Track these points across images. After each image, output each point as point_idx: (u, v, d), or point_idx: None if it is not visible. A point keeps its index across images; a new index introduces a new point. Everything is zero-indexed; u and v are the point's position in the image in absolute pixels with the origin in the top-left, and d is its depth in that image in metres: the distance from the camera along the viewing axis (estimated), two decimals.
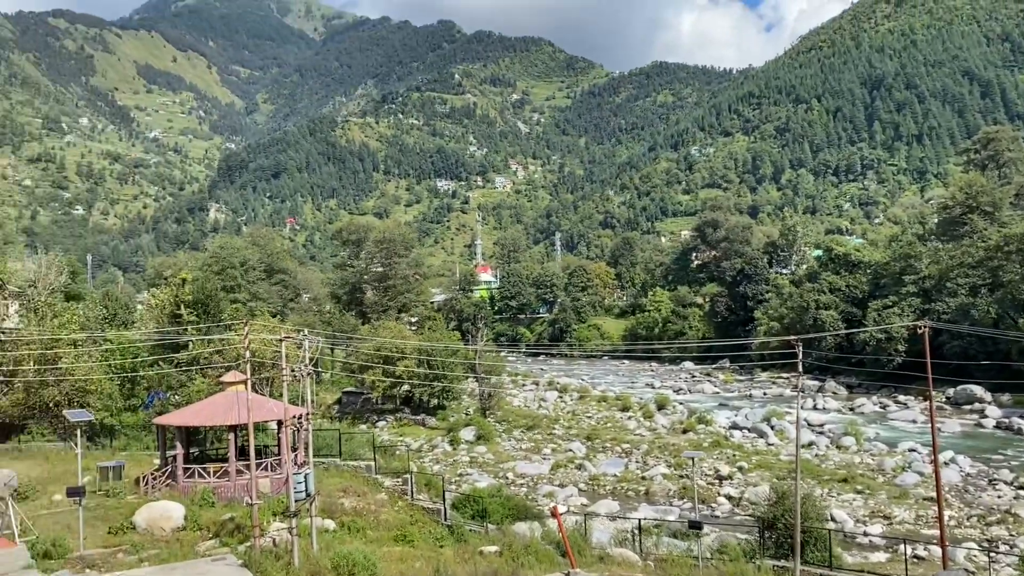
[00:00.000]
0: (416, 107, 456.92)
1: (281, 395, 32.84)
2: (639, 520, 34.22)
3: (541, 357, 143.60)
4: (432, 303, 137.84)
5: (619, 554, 30.24)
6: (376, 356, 69.90)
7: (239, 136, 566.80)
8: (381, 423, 70.29)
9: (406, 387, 71.89)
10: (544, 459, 56.72)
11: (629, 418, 71.14)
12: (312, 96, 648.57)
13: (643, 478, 50.40)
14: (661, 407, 74.61)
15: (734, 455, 54.27)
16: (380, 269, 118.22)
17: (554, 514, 30.84)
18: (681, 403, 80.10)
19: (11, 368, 49.82)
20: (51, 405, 48.88)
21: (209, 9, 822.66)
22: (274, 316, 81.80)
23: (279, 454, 39.24)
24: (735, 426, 65.96)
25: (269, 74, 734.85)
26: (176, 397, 51.48)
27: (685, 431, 63.81)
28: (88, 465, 36.74)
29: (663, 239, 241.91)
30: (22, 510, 29.92)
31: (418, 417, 70.66)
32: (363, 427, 66.78)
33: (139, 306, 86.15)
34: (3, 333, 52.76)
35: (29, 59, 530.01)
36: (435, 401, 72.26)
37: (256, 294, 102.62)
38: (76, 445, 30.21)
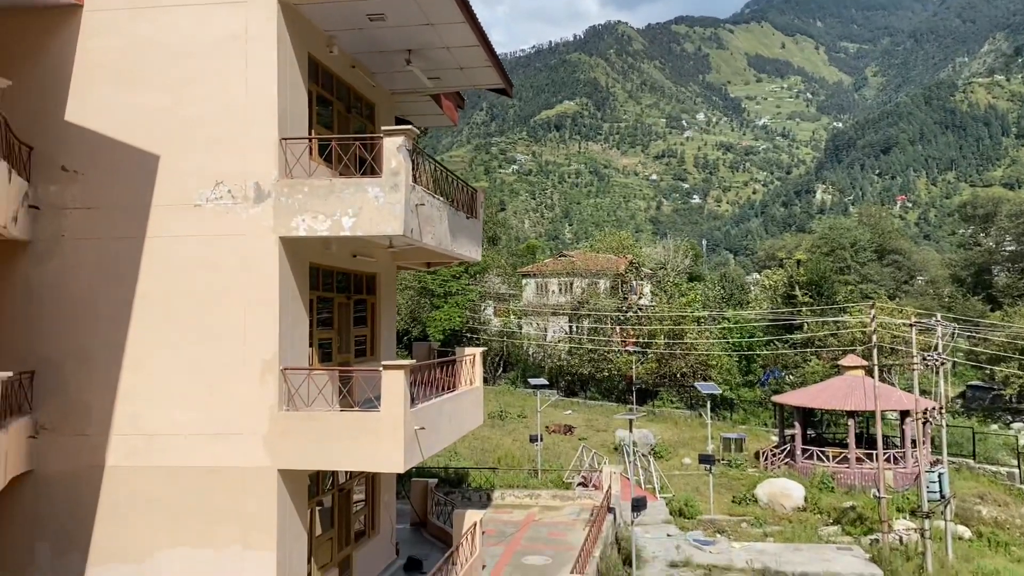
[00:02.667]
0: None
1: (899, 384, 30.51)
2: None
3: None
4: None
5: None
6: (1010, 347, 60.59)
7: (846, 114, 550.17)
8: (1017, 424, 60.69)
9: None
10: None
11: None
12: (927, 62, 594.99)
13: None
14: None
15: None
16: (1014, 248, 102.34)
17: None
18: None
19: (646, 340, 56.38)
20: (678, 375, 53.91)
21: None
22: (891, 299, 77.09)
23: (900, 447, 36.65)
24: None
25: (879, 46, 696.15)
26: (791, 377, 52.04)
27: None
28: (711, 434, 39.38)
29: None
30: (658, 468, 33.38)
31: None
32: (994, 427, 58.64)
33: (751, 288, 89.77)
34: (640, 310, 60.02)
35: (655, 65, 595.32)
36: None
37: (867, 276, 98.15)
38: (706, 415, 32.41)
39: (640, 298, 64.72)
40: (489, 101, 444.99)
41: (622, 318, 59.99)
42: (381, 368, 12.28)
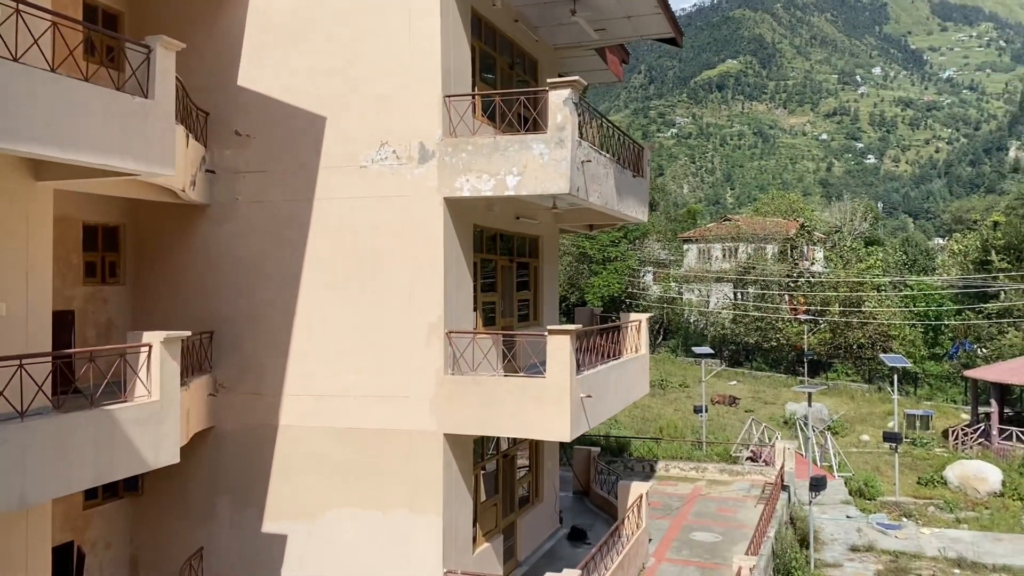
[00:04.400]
0: None
1: None
2: None
3: None
4: None
5: None
6: None
7: None
8: None
9: None
10: None
11: None
12: None
13: None
14: None
15: None
16: None
17: None
18: None
19: (818, 308, 53.23)
20: (854, 346, 50.56)
21: None
22: None
23: None
24: None
25: None
26: (983, 350, 47.59)
27: None
28: (896, 411, 36.57)
29: None
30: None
31: None
32: None
33: (936, 253, 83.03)
34: (812, 276, 56.70)
35: (827, 18, 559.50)
36: None
37: None
38: (892, 389, 30.03)
39: (812, 264, 61.14)
40: (648, 63, 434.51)
41: (792, 285, 56.94)
42: (546, 333, 11.75)
